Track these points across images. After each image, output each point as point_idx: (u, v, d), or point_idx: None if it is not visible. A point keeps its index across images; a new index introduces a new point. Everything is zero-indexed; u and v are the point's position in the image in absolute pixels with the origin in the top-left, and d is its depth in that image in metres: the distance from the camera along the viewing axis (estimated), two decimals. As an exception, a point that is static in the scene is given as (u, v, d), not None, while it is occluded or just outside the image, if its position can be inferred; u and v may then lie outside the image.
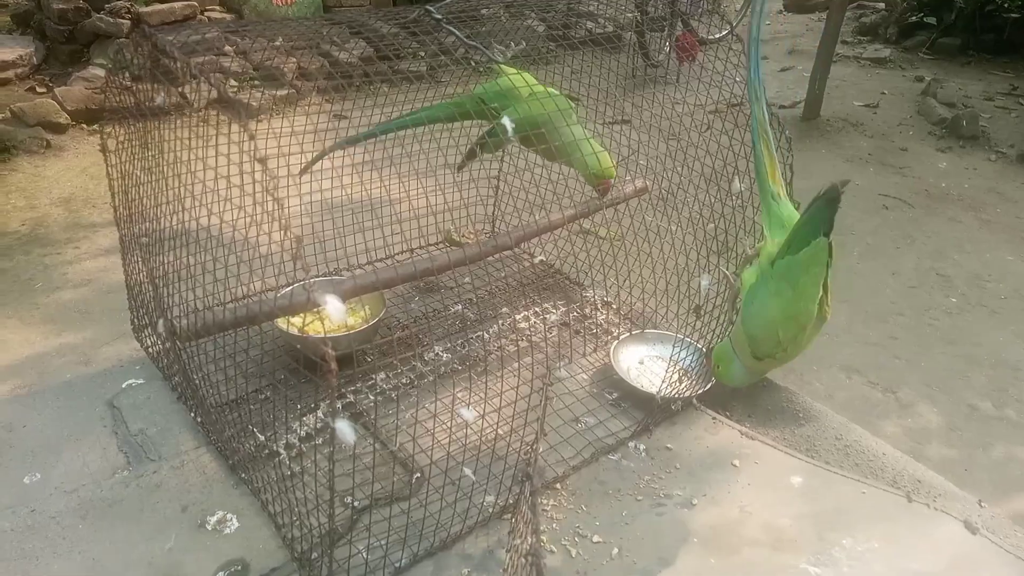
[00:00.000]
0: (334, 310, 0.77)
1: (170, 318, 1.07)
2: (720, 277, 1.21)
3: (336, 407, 0.76)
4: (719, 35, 4.89)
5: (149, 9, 4.11)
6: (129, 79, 1.10)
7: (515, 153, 1.59)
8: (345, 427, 0.80)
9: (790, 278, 1.04)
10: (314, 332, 1.27)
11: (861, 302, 2.55)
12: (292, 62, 4.01)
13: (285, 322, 1.30)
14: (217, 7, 4.52)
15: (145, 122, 1.07)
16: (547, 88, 1.32)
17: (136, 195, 1.15)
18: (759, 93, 1.13)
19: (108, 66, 1.16)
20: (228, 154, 0.83)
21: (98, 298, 2.40)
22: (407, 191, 1.49)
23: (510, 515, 1.05)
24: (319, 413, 1.20)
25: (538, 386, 1.25)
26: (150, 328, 1.30)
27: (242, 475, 1.12)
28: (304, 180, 1.36)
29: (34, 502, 1.08)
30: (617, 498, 1.11)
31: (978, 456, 1.95)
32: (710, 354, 1.23)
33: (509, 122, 1.23)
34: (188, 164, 0.96)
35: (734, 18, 5.14)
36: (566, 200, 1.44)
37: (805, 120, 4.14)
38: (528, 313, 1.51)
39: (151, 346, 1.36)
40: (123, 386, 1.32)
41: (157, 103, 1.03)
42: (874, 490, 1.13)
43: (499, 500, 1.07)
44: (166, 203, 1.05)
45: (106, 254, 2.65)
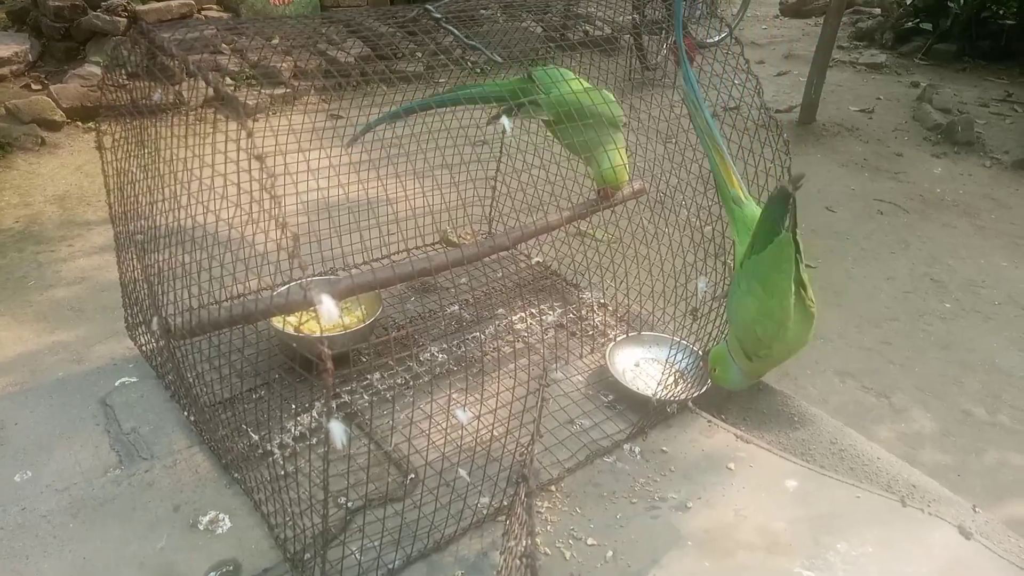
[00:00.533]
0: (328, 309, 0.77)
1: (164, 315, 1.06)
2: (724, 271, 1.21)
3: (332, 407, 0.76)
4: (717, 38, 4.90)
5: (146, 7, 4.09)
6: (125, 76, 1.10)
7: (513, 154, 1.59)
8: (339, 427, 0.79)
9: (758, 276, 1.05)
10: (310, 331, 1.27)
11: (855, 307, 2.55)
12: (289, 61, 4.00)
13: (281, 321, 1.30)
14: (214, 5, 4.50)
15: (141, 119, 1.07)
16: (602, 91, 1.33)
17: (131, 192, 1.15)
18: (698, 103, 1.15)
19: (104, 63, 1.15)
20: (225, 151, 0.83)
21: (92, 296, 2.39)
22: (404, 190, 1.49)
23: (504, 517, 1.05)
24: (314, 413, 1.20)
25: (534, 388, 1.25)
26: (144, 326, 1.30)
27: (235, 475, 1.11)
28: (301, 179, 1.36)
29: (25, 500, 1.07)
30: (612, 500, 1.11)
31: (971, 461, 1.95)
32: (706, 357, 1.23)
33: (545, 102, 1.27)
34: (184, 161, 0.95)
35: (732, 21, 5.15)
36: (564, 202, 1.44)
37: (801, 125, 4.15)
38: (524, 314, 1.51)
39: (144, 344, 1.35)
40: (116, 384, 1.31)
41: (153, 100, 1.02)
42: (869, 494, 1.13)
43: (493, 502, 1.07)
44: (162, 200, 1.04)
45: (100, 252, 2.64)
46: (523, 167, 1.53)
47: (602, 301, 1.57)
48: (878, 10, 6.27)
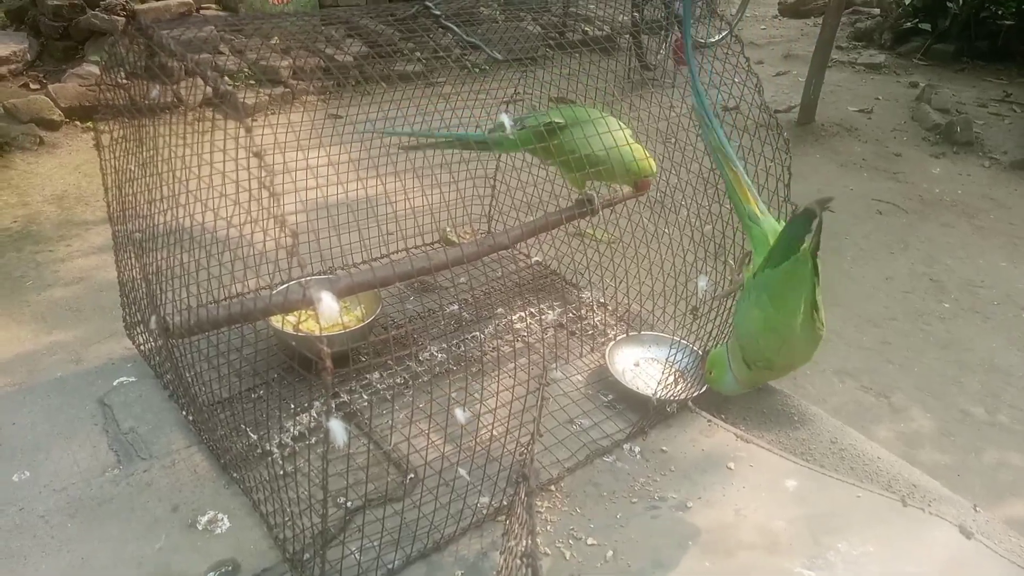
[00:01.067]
0: (329, 307, 0.77)
1: (162, 314, 1.06)
2: (724, 270, 1.20)
3: (331, 406, 0.75)
4: (717, 38, 4.90)
5: (144, 6, 4.09)
6: (123, 75, 1.09)
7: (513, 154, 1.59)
8: (339, 426, 0.79)
9: (769, 290, 1.04)
10: (309, 330, 1.27)
11: (854, 307, 2.55)
12: (288, 60, 3.99)
13: (280, 320, 1.29)
14: (213, 4, 4.50)
15: (139, 117, 1.06)
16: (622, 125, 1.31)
17: (130, 191, 1.14)
18: (709, 119, 1.14)
19: (102, 61, 1.14)
20: (224, 149, 0.82)
21: (90, 296, 2.38)
22: (404, 189, 1.49)
23: (504, 517, 1.04)
24: (313, 412, 1.20)
25: (533, 387, 1.25)
26: (142, 325, 1.29)
27: (234, 474, 1.11)
28: (300, 177, 1.35)
29: (23, 500, 1.07)
30: (612, 500, 1.10)
31: (970, 461, 1.95)
32: (706, 356, 1.22)
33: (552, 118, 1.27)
34: (183, 159, 0.95)
35: (732, 21, 5.15)
36: (563, 201, 1.44)
37: (800, 125, 4.15)
38: (524, 314, 1.50)
39: (143, 344, 1.35)
40: (114, 384, 1.30)
41: (152, 98, 1.02)
42: (869, 494, 1.13)
43: (493, 501, 1.06)
44: (160, 199, 1.04)
45: (98, 252, 2.64)
46: (522, 165, 1.53)
47: (602, 300, 1.57)
48: (877, 10, 6.28)
